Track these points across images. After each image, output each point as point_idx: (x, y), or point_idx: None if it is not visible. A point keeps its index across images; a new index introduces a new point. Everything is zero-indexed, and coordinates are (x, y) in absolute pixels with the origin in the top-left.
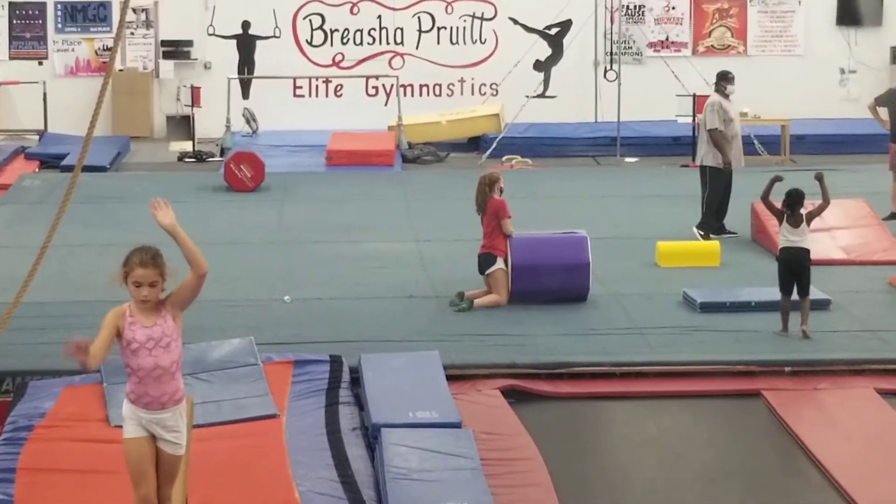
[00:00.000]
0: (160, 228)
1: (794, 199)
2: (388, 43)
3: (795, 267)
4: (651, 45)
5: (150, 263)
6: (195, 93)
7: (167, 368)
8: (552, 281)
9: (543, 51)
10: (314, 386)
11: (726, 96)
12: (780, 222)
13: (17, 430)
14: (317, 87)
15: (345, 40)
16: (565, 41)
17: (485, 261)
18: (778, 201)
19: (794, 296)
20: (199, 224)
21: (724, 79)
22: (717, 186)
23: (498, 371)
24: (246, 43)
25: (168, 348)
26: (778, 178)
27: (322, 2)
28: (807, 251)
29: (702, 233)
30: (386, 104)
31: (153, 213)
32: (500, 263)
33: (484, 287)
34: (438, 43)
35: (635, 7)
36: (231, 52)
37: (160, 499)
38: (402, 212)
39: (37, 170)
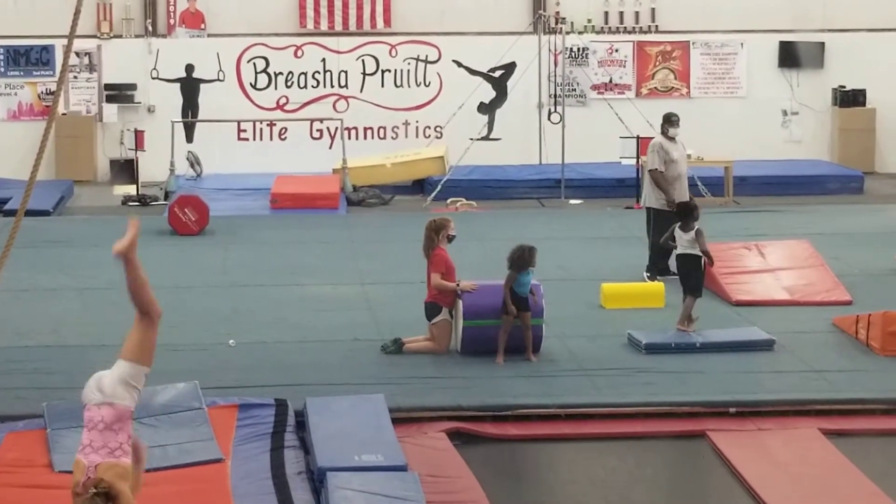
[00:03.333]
0: (104, 273)
1: (684, 210)
2: (332, 86)
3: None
4: (595, 87)
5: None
6: (139, 136)
7: None
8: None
9: (487, 93)
10: (259, 430)
11: (670, 138)
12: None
13: None
14: (261, 130)
15: (289, 83)
16: (509, 84)
17: (430, 310)
18: None
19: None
20: (144, 268)
21: (667, 121)
22: (661, 228)
23: (443, 414)
24: (190, 86)
25: None
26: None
27: (266, 45)
28: (695, 257)
29: (648, 275)
30: (330, 147)
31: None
32: (444, 314)
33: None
34: (383, 86)
35: (579, 50)
36: (175, 95)
37: None
38: (347, 255)
39: None
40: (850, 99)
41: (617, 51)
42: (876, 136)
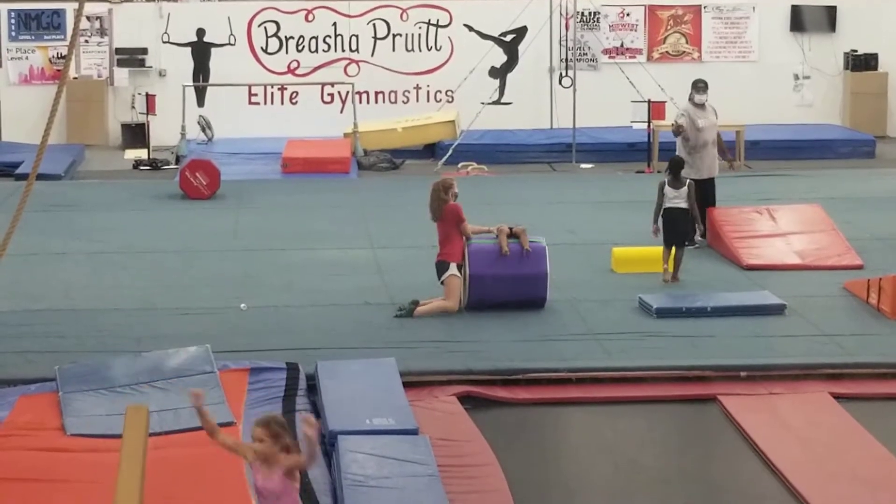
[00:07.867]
0: (115, 237)
1: (675, 165)
2: (343, 50)
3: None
4: (606, 51)
5: (261, 423)
6: (150, 100)
7: None
8: (510, 291)
9: (499, 58)
10: (271, 393)
11: (697, 105)
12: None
13: None
14: (272, 94)
15: (300, 48)
16: (520, 48)
17: (440, 268)
18: None
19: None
20: (155, 232)
21: (693, 87)
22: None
23: (454, 377)
24: (201, 50)
25: (278, 502)
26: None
27: (277, 9)
28: (685, 210)
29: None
30: (341, 111)
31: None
32: (453, 269)
33: (441, 295)
34: (394, 50)
35: (590, 14)
36: (186, 59)
37: None
38: (358, 219)
39: None
40: (861, 63)
41: (628, 15)
42: (888, 100)
